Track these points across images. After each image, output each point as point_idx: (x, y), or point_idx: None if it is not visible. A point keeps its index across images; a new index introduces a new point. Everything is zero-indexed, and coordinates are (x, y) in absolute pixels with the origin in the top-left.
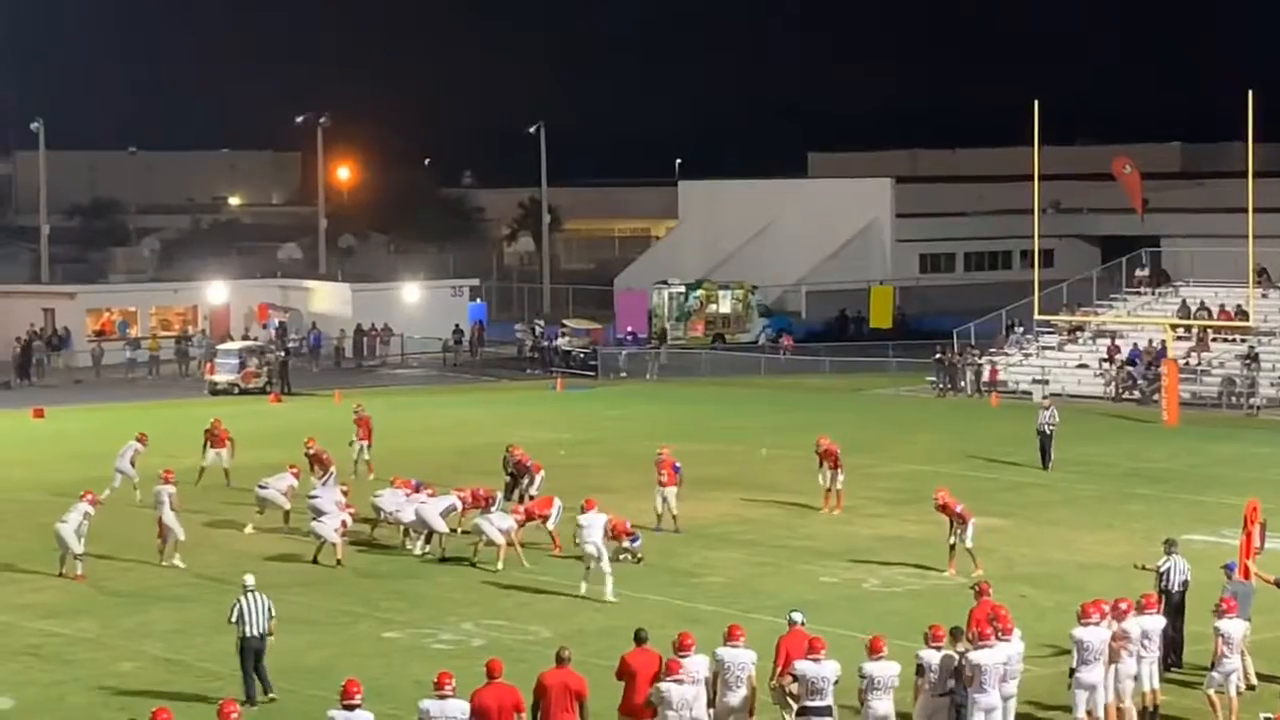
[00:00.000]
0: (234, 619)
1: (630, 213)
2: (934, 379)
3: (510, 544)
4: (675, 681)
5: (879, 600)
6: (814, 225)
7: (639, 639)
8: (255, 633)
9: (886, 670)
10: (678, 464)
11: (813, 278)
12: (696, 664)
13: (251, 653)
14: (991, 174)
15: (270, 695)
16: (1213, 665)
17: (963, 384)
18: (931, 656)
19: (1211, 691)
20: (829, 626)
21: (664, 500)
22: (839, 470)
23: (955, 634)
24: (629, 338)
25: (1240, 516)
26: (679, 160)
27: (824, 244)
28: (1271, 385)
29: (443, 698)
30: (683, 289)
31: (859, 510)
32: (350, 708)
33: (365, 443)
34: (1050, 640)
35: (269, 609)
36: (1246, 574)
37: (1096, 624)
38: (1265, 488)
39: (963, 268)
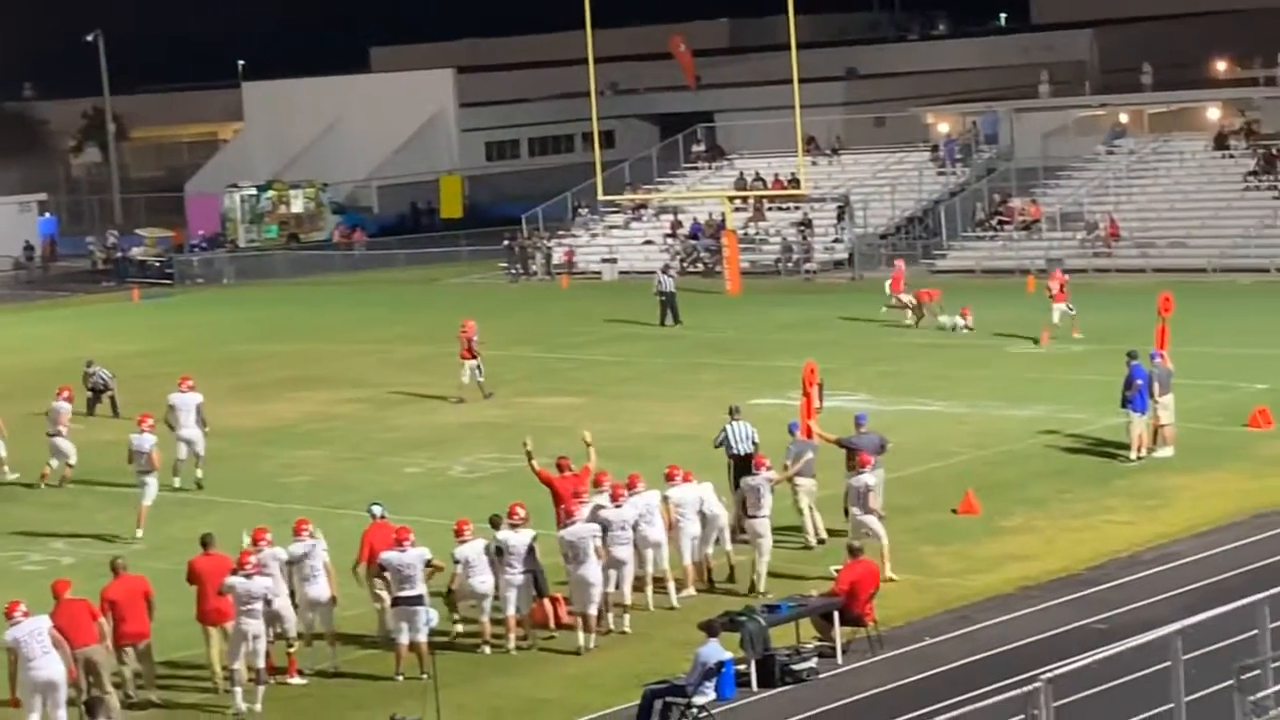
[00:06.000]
0: None
1: (197, 117)
2: (506, 265)
3: None
4: (245, 576)
5: (464, 486)
6: (379, 120)
7: (205, 544)
8: None
9: (475, 549)
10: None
11: (382, 172)
12: (273, 554)
13: None
14: (551, 59)
15: None
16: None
17: (534, 268)
18: (509, 536)
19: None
20: (417, 516)
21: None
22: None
23: (493, 521)
24: (202, 244)
25: (800, 379)
26: (241, 62)
27: (391, 138)
28: (825, 250)
29: (16, 624)
30: (254, 191)
31: (442, 399)
32: None
33: None
34: None
35: None
36: (809, 433)
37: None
38: (824, 349)
39: (528, 153)
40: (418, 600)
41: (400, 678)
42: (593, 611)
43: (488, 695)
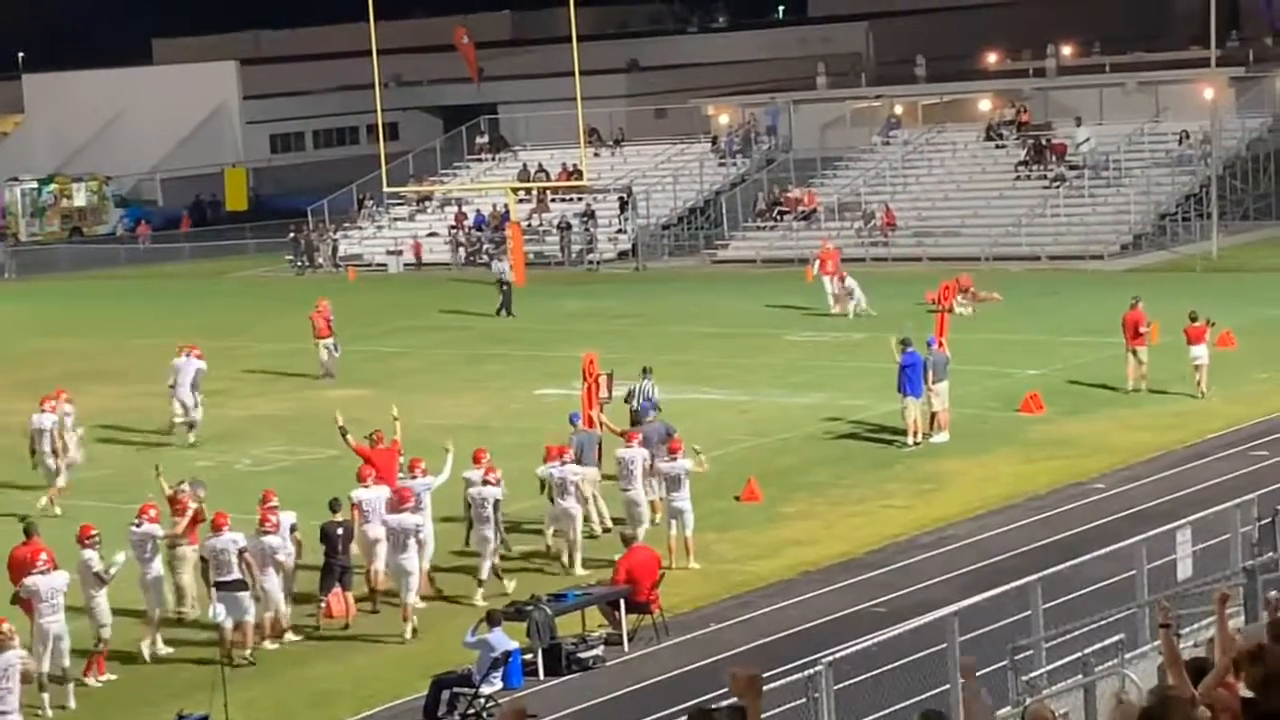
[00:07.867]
0: None
1: None
2: (292, 258)
3: None
4: (41, 573)
5: (253, 479)
6: (163, 112)
7: (27, 531)
8: None
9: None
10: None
11: (166, 165)
12: (89, 556)
13: None
14: (335, 51)
15: None
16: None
17: (320, 261)
18: (219, 541)
19: (550, 531)
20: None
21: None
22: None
23: (333, 505)
24: None
25: (581, 369)
26: (21, 53)
27: (174, 130)
28: (609, 240)
29: None
30: (35, 185)
31: (230, 393)
32: None
33: None
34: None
35: None
36: (591, 424)
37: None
38: (610, 338)
39: (312, 145)
40: (239, 585)
41: (251, 659)
42: (411, 600)
43: (276, 688)
